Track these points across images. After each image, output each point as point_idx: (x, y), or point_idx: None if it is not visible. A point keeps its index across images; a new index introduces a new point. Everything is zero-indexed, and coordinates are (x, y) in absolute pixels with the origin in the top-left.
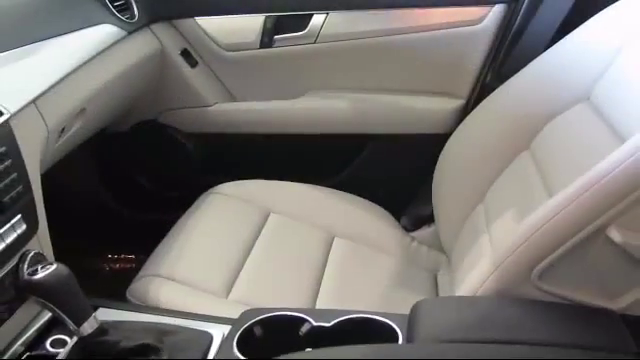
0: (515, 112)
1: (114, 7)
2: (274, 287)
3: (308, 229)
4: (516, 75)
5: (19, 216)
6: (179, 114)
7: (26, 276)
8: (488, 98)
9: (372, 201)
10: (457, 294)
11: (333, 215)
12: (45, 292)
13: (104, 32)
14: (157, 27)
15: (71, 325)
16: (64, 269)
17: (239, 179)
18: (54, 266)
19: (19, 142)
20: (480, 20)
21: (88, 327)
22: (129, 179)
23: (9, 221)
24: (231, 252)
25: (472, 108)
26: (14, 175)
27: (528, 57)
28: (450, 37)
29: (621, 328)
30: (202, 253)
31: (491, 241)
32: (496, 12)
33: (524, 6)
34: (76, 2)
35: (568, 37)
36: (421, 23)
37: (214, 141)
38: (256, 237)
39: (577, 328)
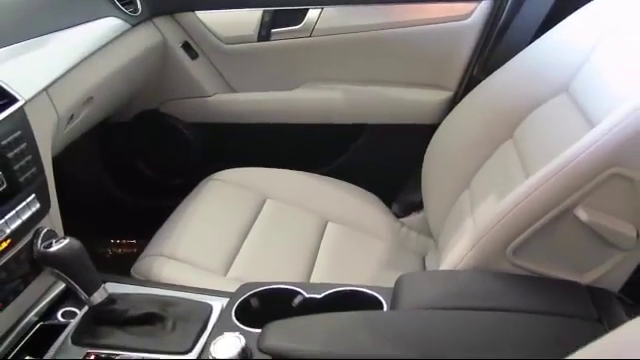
0: (499, 103)
1: (118, 1)
2: (270, 266)
3: (303, 214)
4: (501, 68)
5: (33, 195)
6: (180, 104)
7: (42, 249)
8: (474, 90)
9: (364, 188)
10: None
11: (327, 201)
12: (59, 263)
13: (109, 25)
14: (159, 20)
15: (82, 294)
16: (77, 243)
17: (237, 167)
18: (67, 240)
19: (32, 127)
20: (468, 16)
21: (98, 297)
22: (131, 167)
23: (24, 200)
24: (229, 234)
25: (460, 100)
26: (28, 157)
27: (512, 51)
28: (439, 32)
29: (585, 298)
30: (202, 235)
31: (474, 223)
32: (483, 8)
33: (509, 3)
34: None
35: (549, 33)
36: (412, 18)
37: (213, 130)
38: (253, 221)
39: (544, 297)
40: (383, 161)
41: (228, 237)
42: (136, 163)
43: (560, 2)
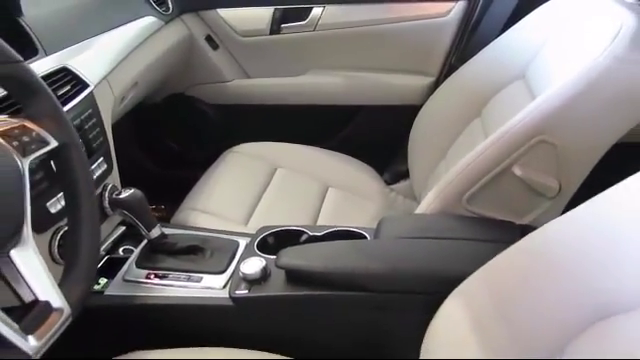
0: (471, 87)
1: (154, 2)
2: (281, 219)
3: (307, 180)
4: (473, 58)
5: (102, 158)
6: (203, 88)
7: (114, 197)
8: (452, 76)
9: (360, 159)
10: None
11: (328, 170)
12: (128, 206)
13: (148, 22)
14: (186, 17)
15: (144, 230)
16: (139, 192)
17: (252, 141)
18: (132, 190)
19: (99, 106)
20: (447, 13)
21: (155, 232)
22: (161, 142)
23: (96, 161)
24: (248, 195)
25: (440, 84)
26: (98, 129)
27: (483, 44)
28: (423, 26)
29: (516, 231)
30: (226, 195)
31: None
32: (459, 7)
33: (480, 3)
34: (126, 0)
35: (510, 30)
36: (400, 15)
37: (232, 110)
38: (266, 186)
39: (486, 231)
40: (376, 136)
41: (247, 197)
42: (164, 139)
43: (521, 4)
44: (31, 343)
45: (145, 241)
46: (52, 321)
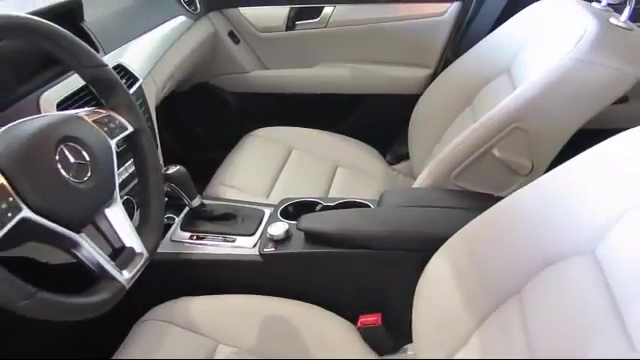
0: (464, 79)
1: (184, 2)
2: (298, 193)
3: (319, 161)
4: (466, 53)
5: None
6: (226, 78)
7: (163, 172)
8: (447, 69)
9: (365, 142)
10: None
11: (336, 152)
12: (174, 179)
13: (180, 21)
14: (212, 15)
15: (187, 200)
16: (183, 168)
17: (269, 126)
18: (177, 166)
19: (146, 97)
20: (443, 13)
21: (196, 202)
22: (187, 127)
23: None
24: (267, 173)
25: (437, 76)
26: (146, 116)
27: (475, 40)
28: (422, 24)
29: (493, 203)
30: (249, 173)
31: None
32: (454, 7)
33: (473, 4)
34: (161, 2)
35: (499, 28)
36: (402, 14)
37: (251, 98)
38: (283, 165)
39: (468, 201)
40: (379, 122)
41: (267, 175)
42: (190, 124)
43: (509, 6)
44: (125, 276)
45: (187, 209)
46: (136, 262)
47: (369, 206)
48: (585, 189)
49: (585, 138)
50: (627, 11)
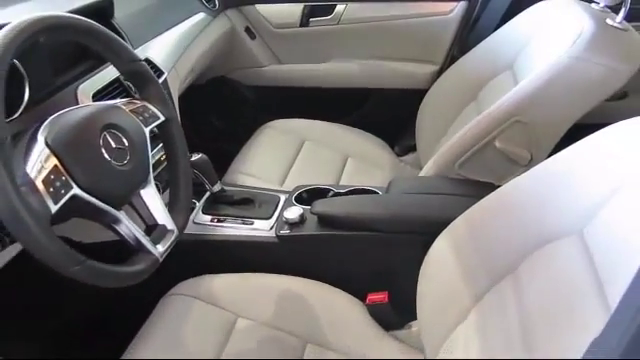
0: (469, 75)
1: (204, 0)
2: (310, 181)
3: (330, 151)
4: (471, 50)
5: None
6: (241, 72)
7: None
8: (453, 65)
9: (374, 135)
10: None
11: (346, 143)
12: (197, 166)
13: (200, 18)
14: (229, 12)
15: (208, 185)
16: (205, 155)
17: (283, 118)
18: (200, 154)
19: (170, 89)
20: (450, 12)
21: (216, 187)
22: (205, 119)
23: None
24: (282, 161)
25: (443, 72)
26: (171, 104)
27: (480, 38)
28: (430, 23)
29: (492, 190)
30: (264, 162)
31: None
32: (461, 6)
33: (479, 3)
34: (183, 0)
35: (503, 27)
36: (410, 12)
37: (266, 91)
38: (297, 155)
39: (470, 189)
40: (388, 115)
41: (281, 164)
42: (208, 115)
43: (513, 5)
44: (159, 250)
45: (208, 194)
46: (168, 238)
47: (378, 193)
48: (575, 174)
49: (586, 133)
50: (622, 12)
